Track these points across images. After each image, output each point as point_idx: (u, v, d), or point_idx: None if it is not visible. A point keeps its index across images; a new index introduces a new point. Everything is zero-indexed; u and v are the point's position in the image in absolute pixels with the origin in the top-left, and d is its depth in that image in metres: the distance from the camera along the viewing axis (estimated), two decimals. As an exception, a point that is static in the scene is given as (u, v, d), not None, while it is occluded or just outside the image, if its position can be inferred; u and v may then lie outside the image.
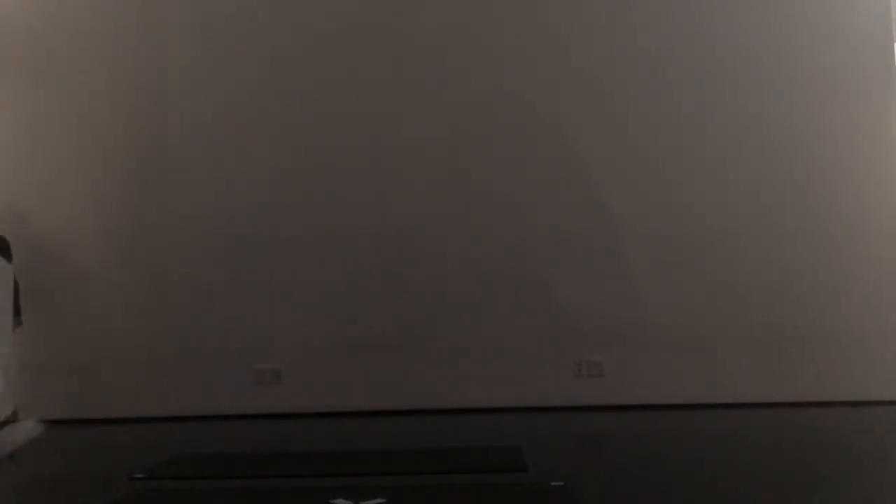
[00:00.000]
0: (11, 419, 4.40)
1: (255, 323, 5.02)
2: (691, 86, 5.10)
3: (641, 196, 5.05)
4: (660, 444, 3.79)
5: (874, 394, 4.78)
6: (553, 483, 2.85)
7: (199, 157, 5.16)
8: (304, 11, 5.23)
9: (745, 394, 4.85)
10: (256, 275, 5.05)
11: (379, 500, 2.65)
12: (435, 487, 2.92)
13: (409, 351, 4.97)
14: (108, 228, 5.13)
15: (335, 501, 2.64)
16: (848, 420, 4.37)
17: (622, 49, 5.13)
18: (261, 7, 5.27)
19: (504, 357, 4.94)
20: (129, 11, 5.26)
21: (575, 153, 5.09)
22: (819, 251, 4.95)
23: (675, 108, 5.08)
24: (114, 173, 5.17)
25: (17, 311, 4.67)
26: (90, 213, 5.14)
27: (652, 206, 5.04)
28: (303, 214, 5.09)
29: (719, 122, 5.07)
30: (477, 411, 4.83)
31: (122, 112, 5.20)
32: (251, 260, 5.07)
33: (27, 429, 3.80)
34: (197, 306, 5.05)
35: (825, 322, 4.89)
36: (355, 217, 5.07)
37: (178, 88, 5.20)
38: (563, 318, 4.96)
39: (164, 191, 5.16)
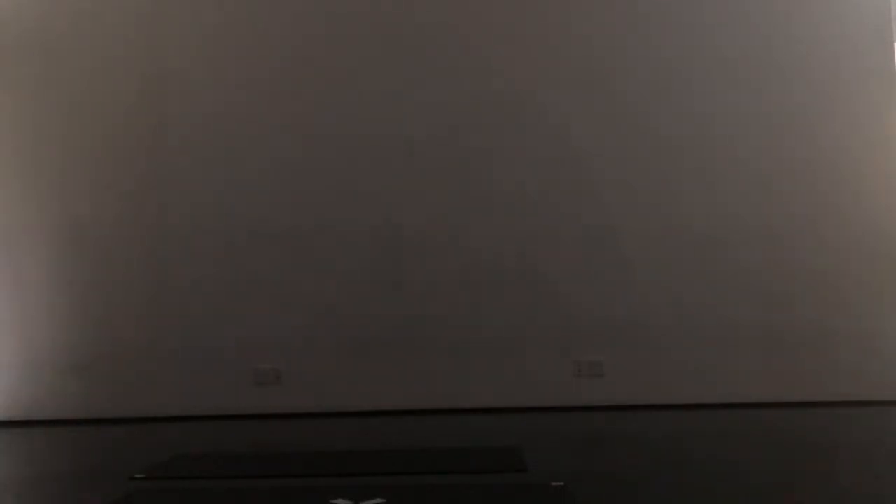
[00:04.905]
0: None
1: (255, 323, 5.02)
2: (691, 85, 5.10)
3: (641, 196, 5.05)
4: (659, 444, 3.79)
5: (874, 394, 4.79)
6: (553, 483, 2.85)
7: (200, 157, 5.16)
8: (307, 11, 5.24)
9: (745, 394, 4.86)
10: (257, 275, 5.05)
11: (379, 500, 2.65)
12: (435, 487, 2.92)
13: (409, 351, 4.98)
14: (109, 227, 5.13)
15: (335, 501, 2.64)
16: (848, 420, 4.37)
17: (624, 48, 5.13)
18: (263, 6, 5.27)
19: (504, 357, 4.94)
20: (130, 11, 5.27)
21: (575, 153, 5.09)
22: (819, 251, 4.95)
23: (675, 108, 5.08)
24: (114, 174, 5.17)
25: None
26: (90, 213, 5.14)
27: (652, 206, 5.04)
28: (303, 214, 5.09)
29: (719, 122, 5.07)
30: (477, 411, 4.83)
31: (123, 111, 5.19)
32: (252, 260, 5.07)
33: None
34: (197, 306, 5.05)
35: (825, 322, 4.89)
36: (355, 217, 5.07)
37: (180, 89, 5.20)
38: (563, 318, 4.96)
39: (165, 191, 5.16)
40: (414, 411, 4.83)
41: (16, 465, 3.97)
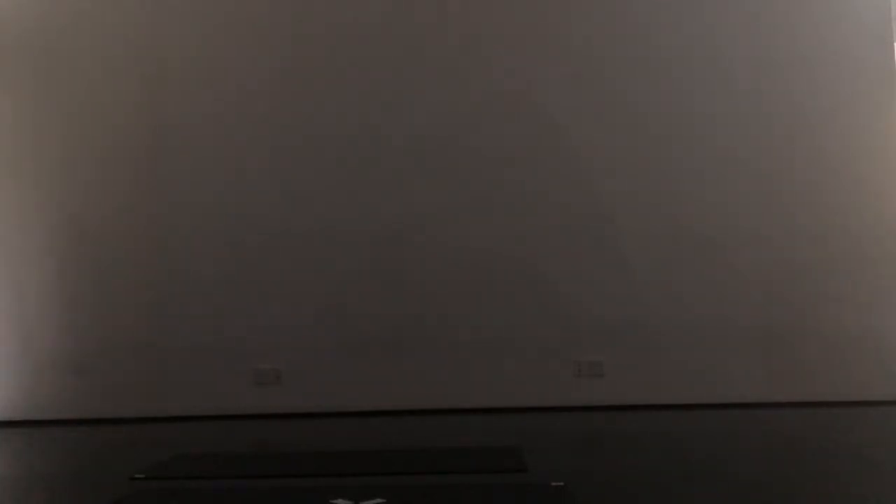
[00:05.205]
0: None
1: (255, 323, 5.02)
2: (691, 86, 5.10)
3: (642, 196, 5.05)
4: (659, 444, 3.79)
5: (874, 394, 4.79)
6: (553, 483, 2.85)
7: (200, 157, 5.16)
8: (307, 10, 5.23)
9: (745, 394, 4.85)
10: (257, 274, 5.05)
11: (379, 500, 2.65)
12: (435, 487, 2.92)
13: (409, 351, 4.98)
14: (109, 227, 5.13)
15: (335, 501, 2.64)
16: (848, 420, 4.37)
17: (624, 48, 5.13)
18: (263, 6, 5.27)
19: (504, 357, 4.94)
20: (130, 11, 5.26)
21: (575, 153, 5.09)
22: (819, 251, 4.95)
23: (675, 108, 5.08)
24: (114, 174, 5.17)
25: None
26: (90, 213, 5.14)
27: (652, 206, 5.04)
28: (303, 214, 5.09)
29: (719, 122, 5.07)
30: (477, 411, 4.83)
31: (123, 111, 5.19)
32: (252, 260, 5.07)
33: None
34: (197, 306, 5.05)
35: (825, 322, 4.89)
36: (355, 217, 5.07)
37: (180, 89, 5.20)
38: (563, 318, 4.96)
39: (165, 191, 5.15)
40: (414, 411, 4.83)
41: (16, 465, 3.97)
